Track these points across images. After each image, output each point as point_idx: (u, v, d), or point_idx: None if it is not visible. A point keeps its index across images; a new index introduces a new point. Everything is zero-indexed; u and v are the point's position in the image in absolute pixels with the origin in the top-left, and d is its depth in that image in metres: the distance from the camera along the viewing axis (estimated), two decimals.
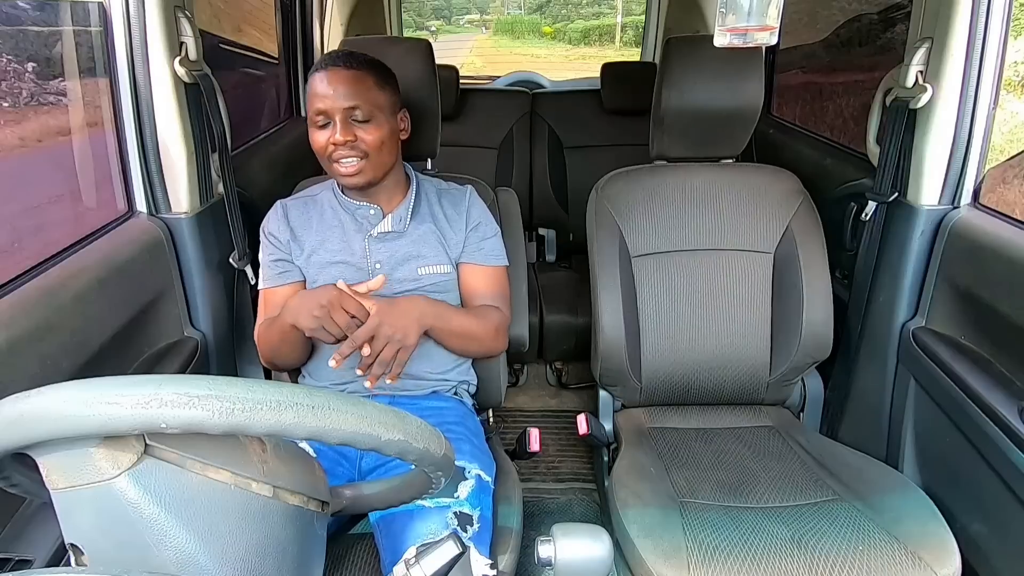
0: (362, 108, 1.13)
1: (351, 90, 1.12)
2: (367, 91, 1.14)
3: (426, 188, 1.29)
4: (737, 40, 1.07)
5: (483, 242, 1.26)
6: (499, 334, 1.25)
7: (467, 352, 1.27)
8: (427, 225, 1.24)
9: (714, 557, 1.04)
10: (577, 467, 1.95)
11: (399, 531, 0.96)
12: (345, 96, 1.12)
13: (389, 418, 0.57)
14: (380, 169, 1.18)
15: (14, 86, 1.16)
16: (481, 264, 1.26)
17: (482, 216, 1.28)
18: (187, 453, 0.56)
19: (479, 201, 1.30)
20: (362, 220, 1.23)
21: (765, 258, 1.45)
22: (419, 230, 1.24)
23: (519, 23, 18.83)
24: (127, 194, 1.25)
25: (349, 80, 1.12)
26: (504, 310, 1.27)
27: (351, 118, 1.13)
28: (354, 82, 1.13)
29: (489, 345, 1.26)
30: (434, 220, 1.25)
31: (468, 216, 1.26)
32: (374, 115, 1.14)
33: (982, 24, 1.17)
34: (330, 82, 1.12)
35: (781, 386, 1.48)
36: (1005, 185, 1.38)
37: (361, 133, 1.13)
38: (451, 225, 1.25)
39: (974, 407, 1.11)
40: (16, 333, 0.86)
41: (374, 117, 1.14)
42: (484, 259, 1.26)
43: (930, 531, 1.09)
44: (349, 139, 1.12)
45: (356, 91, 1.12)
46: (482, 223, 1.27)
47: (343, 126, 1.12)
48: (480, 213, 1.28)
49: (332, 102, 1.12)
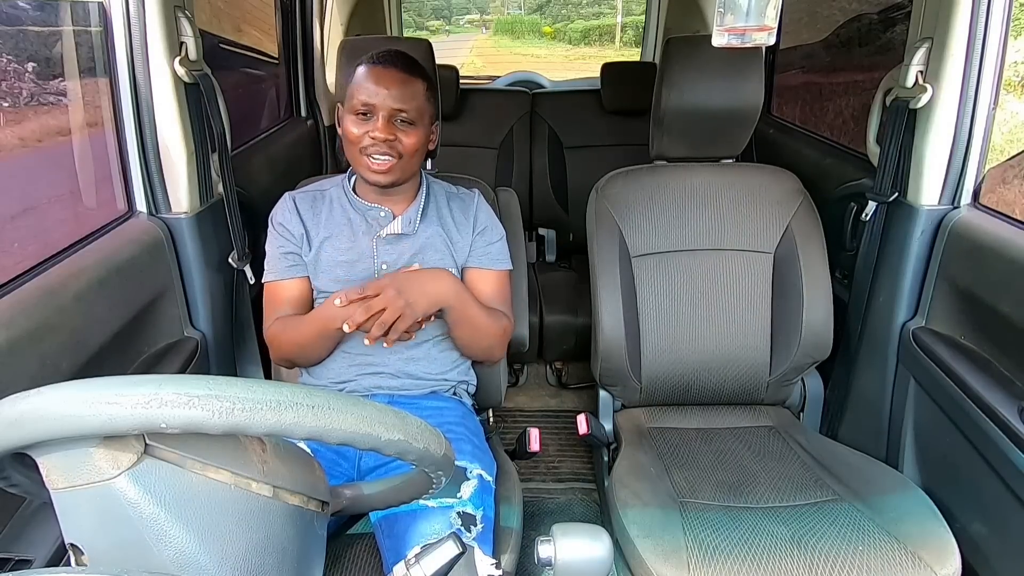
0: (409, 113, 1.15)
1: (404, 93, 1.14)
2: (418, 98, 1.16)
3: (435, 191, 1.30)
4: (735, 40, 1.07)
5: (489, 247, 1.27)
6: (504, 338, 1.26)
7: (471, 346, 1.26)
8: (434, 228, 1.25)
9: (714, 557, 1.04)
10: (577, 467, 1.95)
11: (402, 531, 0.96)
12: (397, 98, 1.13)
13: (389, 418, 0.57)
14: (407, 173, 1.20)
15: (14, 86, 1.16)
16: (487, 268, 1.26)
17: (489, 220, 1.29)
18: (187, 453, 0.56)
19: (486, 206, 1.30)
20: (372, 221, 1.23)
21: (765, 258, 1.45)
22: (427, 232, 1.24)
23: (519, 23, 18.83)
24: (127, 194, 1.25)
25: (404, 83, 1.14)
26: (508, 314, 1.28)
27: (396, 119, 1.14)
28: (408, 86, 1.15)
29: (493, 345, 1.25)
30: (441, 223, 1.25)
31: (476, 220, 1.27)
32: (416, 121, 1.16)
33: (982, 24, 1.17)
34: (384, 80, 1.13)
35: (781, 386, 1.48)
36: (1005, 185, 1.38)
37: (401, 135, 1.15)
38: (458, 229, 1.26)
39: (974, 407, 1.11)
40: (16, 333, 0.86)
41: (416, 123, 1.16)
42: (491, 263, 1.27)
43: (930, 531, 1.09)
44: (389, 137, 1.13)
45: (409, 95, 1.14)
46: (489, 227, 1.28)
47: (386, 123, 1.13)
48: (487, 217, 1.29)
49: (383, 99, 1.13)
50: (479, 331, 1.21)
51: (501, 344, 1.26)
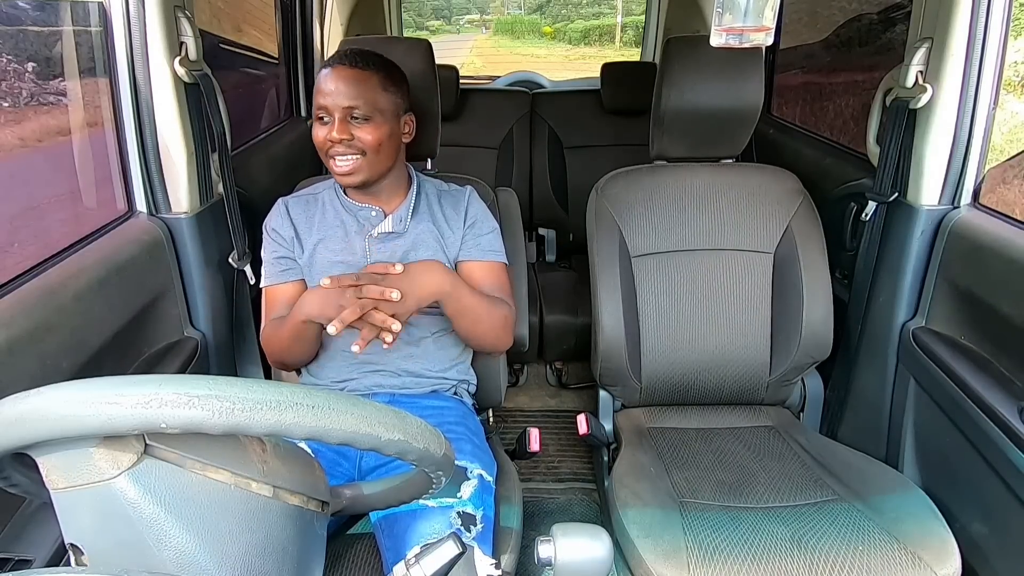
0: (361, 108, 1.13)
1: (352, 90, 1.13)
2: (369, 91, 1.14)
3: (426, 188, 1.29)
4: (733, 40, 1.07)
5: (480, 238, 1.26)
6: (506, 326, 1.23)
7: (476, 335, 1.23)
8: (425, 224, 1.24)
9: (714, 557, 1.04)
10: (577, 467, 1.95)
11: (402, 531, 0.96)
12: (346, 95, 1.12)
13: (389, 418, 0.57)
14: (375, 170, 1.18)
15: (14, 86, 1.16)
16: (479, 260, 1.25)
17: (479, 214, 1.27)
18: (187, 453, 0.56)
19: (478, 200, 1.29)
20: (364, 221, 1.23)
21: (765, 258, 1.45)
22: (418, 229, 1.24)
23: (519, 23, 18.82)
24: (127, 194, 1.25)
25: (352, 79, 1.13)
26: (509, 303, 1.25)
27: (350, 116, 1.13)
28: (357, 81, 1.13)
29: (496, 334, 1.23)
30: (433, 220, 1.25)
31: (466, 214, 1.26)
32: (373, 116, 1.14)
33: (982, 24, 1.17)
34: (334, 79, 1.13)
35: (781, 386, 1.48)
36: (1005, 185, 1.38)
37: (358, 132, 1.14)
38: (450, 225, 1.25)
39: (974, 407, 1.11)
40: (16, 333, 0.86)
41: (373, 118, 1.14)
42: (482, 254, 1.25)
43: (930, 531, 1.09)
44: (345, 137, 1.13)
45: (357, 91, 1.13)
46: (479, 220, 1.26)
47: (340, 124, 1.13)
48: (477, 211, 1.28)
49: (333, 99, 1.13)
50: (481, 319, 1.19)
51: (506, 331, 1.24)
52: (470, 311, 1.17)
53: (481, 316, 1.18)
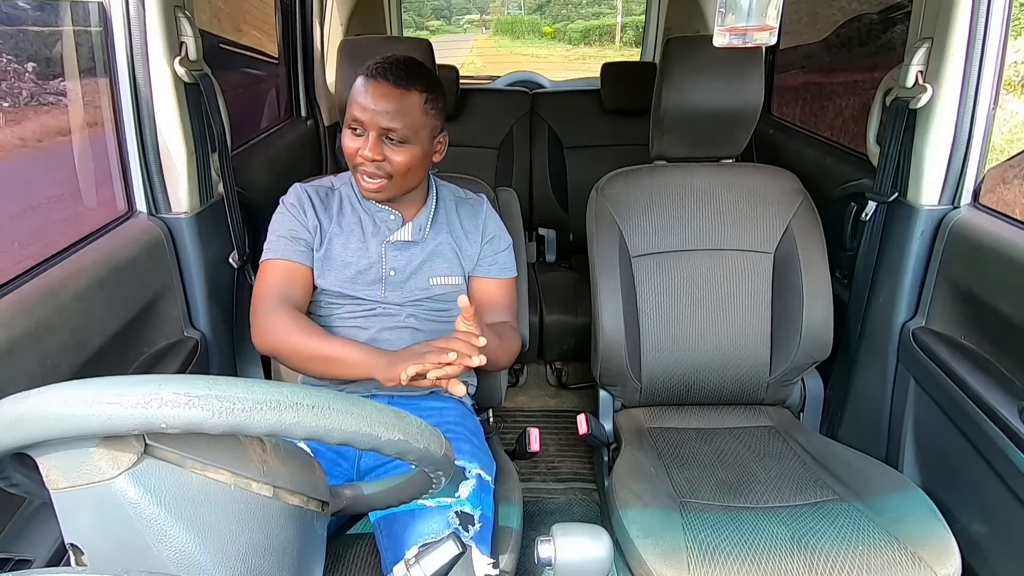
0: (399, 132, 1.09)
1: (393, 111, 1.08)
2: (410, 115, 1.09)
3: (444, 196, 1.29)
4: (736, 40, 1.07)
5: (497, 255, 1.27)
6: (516, 353, 1.26)
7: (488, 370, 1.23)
8: (444, 235, 1.24)
9: (714, 557, 1.04)
10: (577, 467, 1.95)
11: (400, 531, 0.96)
12: (386, 115, 1.08)
13: (389, 418, 0.57)
14: (403, 189, 1.17)
15: (14, 86, 1.16)
16: (495, 277, 1.27)
17: (497, 229, 1.29)
18: (187, 453, 0.56)
19: (494, 213, 1.30)
20: (381, 224, 1.22)
21: (765, 258, 1.45)
22: (436, 239, 1.24)
23: (519, 23, 18.83)
24: (127, 194, 1.25)
25: (395, 99, 1.08)
26: (516, 325, 1.28)
27: (386, 137, 1.10)
28: (399, 102, 1.08)
29: (507, 363, 1.27)
30: (451, 230, 1.25)
31: (484, 228, 1.27)
32: (410, 139, 1.11)
33: (982, 24, 1.17)
34: (375, 95, 1.08)
35: (781, 386, 1.48)
36: (1005, 185, 1.38)
37: (391, 154, 1.11)
38: (467, 237, 1.26)
39: (974, 407, 1.11)
40: (16, 333, 0.86)
41: (409, 140, 1.11)
42: (499, 272, 1.27)
43: (930, 531, 1.09)
44: (378, 158, 1.10)
45: (398, 113, 1.08)
46: (497, 236, 1.28)
47: (375, 144, 1.09)
48: (495, 226, 1.29)
49: (371, 116, 1.08)
50: (497, 361, 1.19)
51: (515, 356, 1.26)
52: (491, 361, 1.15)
53: (497, 358, 1.18)
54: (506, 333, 1.23)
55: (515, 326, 1.27)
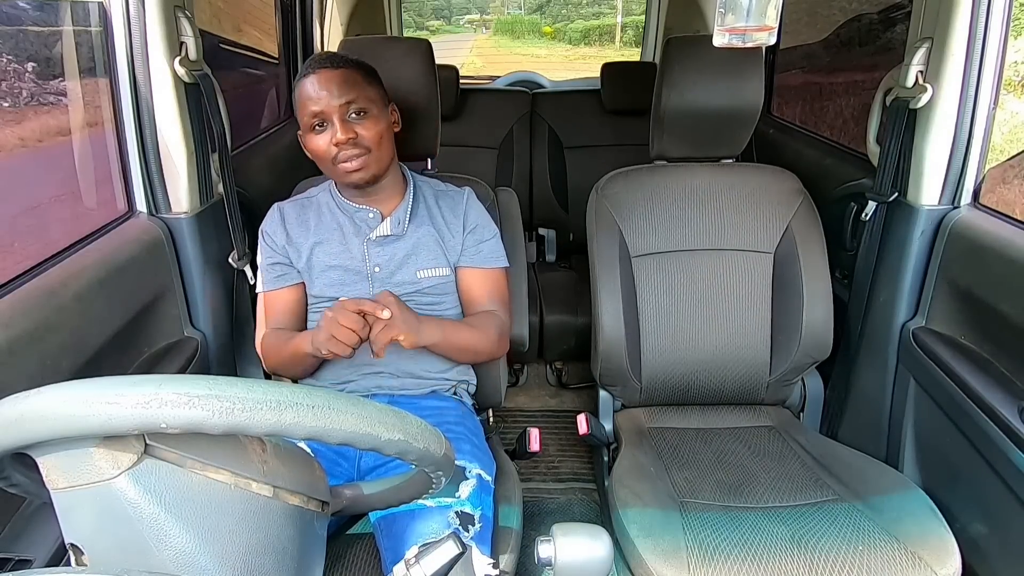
0: (357, 102, 1.13)
1: (343, 87, 1.12)
2: (358, 86, 1.14)
3: (423, 190, 1.29)
4: (736, 40, 1.07)
5: (481, 244, 1.26)
6: (501, 340, 1.26)
7: (471, 362, 1.30)
8: (425, 227, 1.24)
9: (714, 557, 1.04)
10: (577, 467, 1.95)
11: (400, 531, 0.96)
12: (339, 94, 1.12)
13: (389, 418, 0.57)
14: (382, 164, 1.19)
15: (14, 86, 1.16)
16: (480, 267, 1.26)
17: (480, 219, 1.28)
18: (187, 453, 0.56)
19: (477, 203, 1.29)
20: (361, 223, 1.23)
21: (765, 258, 1.45)
22: (417, 232, 1.24)
23: (519, 23, 18.81)
24: (127, 194, 1.25)
25: (339, 78, 1.13)
26: (503, 314, 1.27)
27: (348, 115, 1.13)
28: (344, 79, 1.13)
29: (491, 352, 1.26)
30: (432, 222, 1.25)
31: (466, 219, 1.26)
32: (369, 109, 1.15)
33: (982, 24, 1.17)
34: (321, 83, 1.12)
35: (781, 386, 1.48)
36: (1005, 185, 1.38)
37: (360, 129, 1.14)
38: (449, 228, 1.26)
39: (974, 407, 1.11)
40: (16, 333, 0.86)
41: (369, 111, 1.15)
42: (483, 262, 1.26)
43: (930, 531, 1.09)
44: (351, 136, 1.12)
45: (348, 87, 1.13)
46: (480, 225, 1.27)
47: (342, 124, 1.12)
48: (478, 215, 1.28)
49: (327, 102, 1.12)
50: (471, 352, 1.24)
51: (502, 343, 1.26)
52: (464, 349, 1.22)
53: (472, 347, 1.23)
54: (482, 322, 1.23)
55: (501, 314, 1.27)
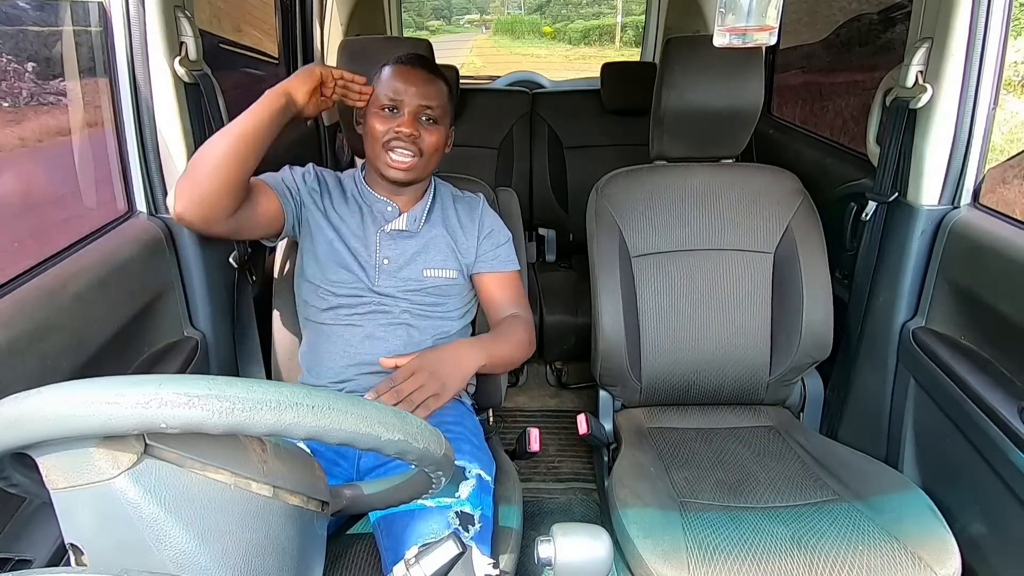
0: (435, 110, 1.19)
1: (429, 91, 1.19)
2: (441, 96, 1.21)
3: (442, 192, 1.33)
4: (736, 40, 1.07)
5: (497, 249, 1.29)
6: (531, 344, 1.28)
7: (509, 368, 1.30)
8: (439, 229, 1.27)
9: (714, 557, 1.04)
10: (577, 467, 1.95)
11: (400, 531, 0.96)
12: (423, 95, 1.18)
13: (389, 418, 0.57)
14: (426, 173, 1.24)
15: (14, 86, 1.16)
16: (499, 271, 1.29)
17: (495, 224, 1.32)
18: (187, 453, 0.56)
19: (491, 209, 1.34)
20: (378, 214, 1.26)
21: (765, 258, 1.45)
22: (431, 232, 1.26)
23: (519, 23, 18.83)
24: (127, 194, 1.25)
25: (429, 81, 1.20)
26: (525, 314, 1.30)
27: (422, 115, 1.18)
28: (433, 84, 1.20)
29: (526, 355, 1.28)
30: (446, 224, 1.28)
31: (481, 224, 1.29)
32: (440, 120, 1.21)
33: (982, 24, 1.17)
34: (410, 78, 1.18)
35: (781, 386, 1.48)
36: (1005, 185, 1.38)
37: (425, 133, 1.19)
38: (464, 231, 1.28)
39: (974, 407, 1.11)
40: (16, 333, 0.86)
41: (439, 122, 1.21)
42: (502, 266, 1.30)
43: (930, 531, 1.09)
44: (415, 133, 1.17)
45: (434, 93, 1.20)
46: (495, 230, 1.31)
47: (412, 119, 1.17)
48: (493, 221, 1.32)
49: (411, 95, 1.18)
50: (514, 361, 1.25)
51: (531, 344, 1.28)
52: (505, 362, 1.23)
53: (515, 358, 1.25)
54: (513, 330, 1.25)
55: (524, 315, 1.29)
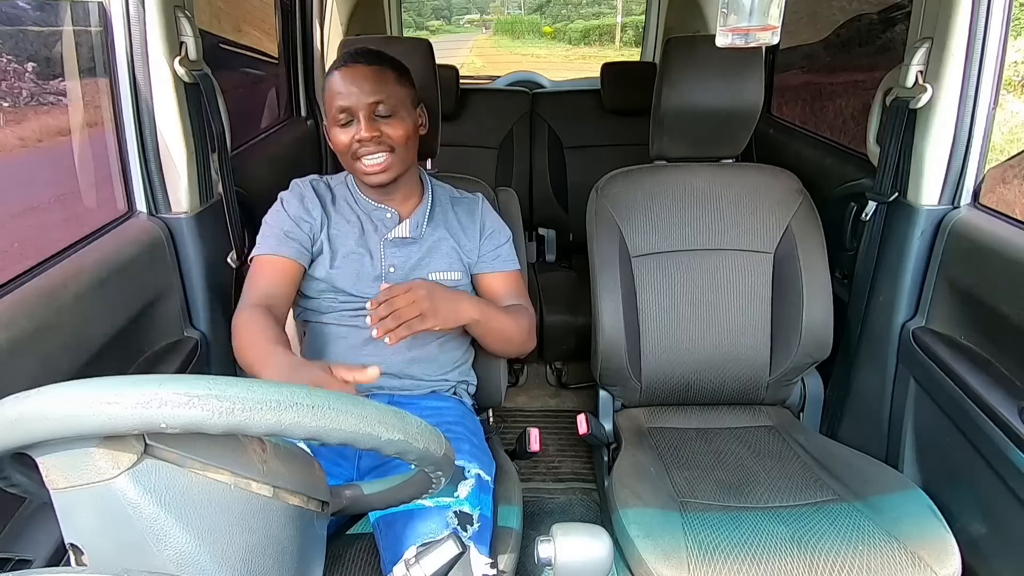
0: (386, 103, 1.13)
1: (374, 86, 1.12)
2: (389, 86, 1.14)
3: (439, 193, 1.31)
4: (739, 40, 1.07)
5: (499, 249, 1.29)
6: (531, 332, 1.27)
7: (506, 350, 1.29)
8: (441, 232, 1.26)
9: (714, 557, 1.04)
10: (577, 467, 1.95)
11: (399, 531, 0.96)
12: (369, 92, 1.12)
13: (389, 418, 0.57)
14: (404, 165, 1.19)
15: (14, 86, 1.16)
16: (501, 271, 1.28)
17: (495, 224, 1.30)
18: (187, 453, 0.56)
19: (491, 209, 1.32)
20: (378, 222, 1.24)
21: (765, 258, 1.45)
22: (434, 236, 1.25)
23: (519, 23, 18.83)
24: (127, 194, 1.25)
25: (371, 76, 1.13)
26: (528, 307, 1.29)
27: (375, 113, 1.14)
28: (376, 78, 1.13)
29: (523, 342, 1.26)
30: (447, 227, 1.27)
31: (483, 225, 1.28)
32: (397, 110, 1.15)
33: (982, 24, 1.17)
34: (352, 79, 1.12)
35: (781, 386, 1.48)
36: (1005, 185, 1.38)
37: (386, 128, 1.14)
38: (465, 233, 1.27)
39: (974, 407, 1.11)
40: (16, 333, 0.86)
41: (397, 112, 1.15)
42: (503, 265, 1.29)
43: (930, 531, 1.09)
44: (375, 135, 1.13)
45: (378, 86, 1.13)
46: (496, 230, 1.29)
47: (367, 122, 1.12)
48: (493, 221, 1.30)
49: (356, 98, 1.12)
50: (510, 337, 1.23)
51: (531, 336, 1.27)
52: (499, 332, 1.21)
53: (510, 334, 1.22)
54: (515, 313, 1.24)
55: (528, 309, 1.28)
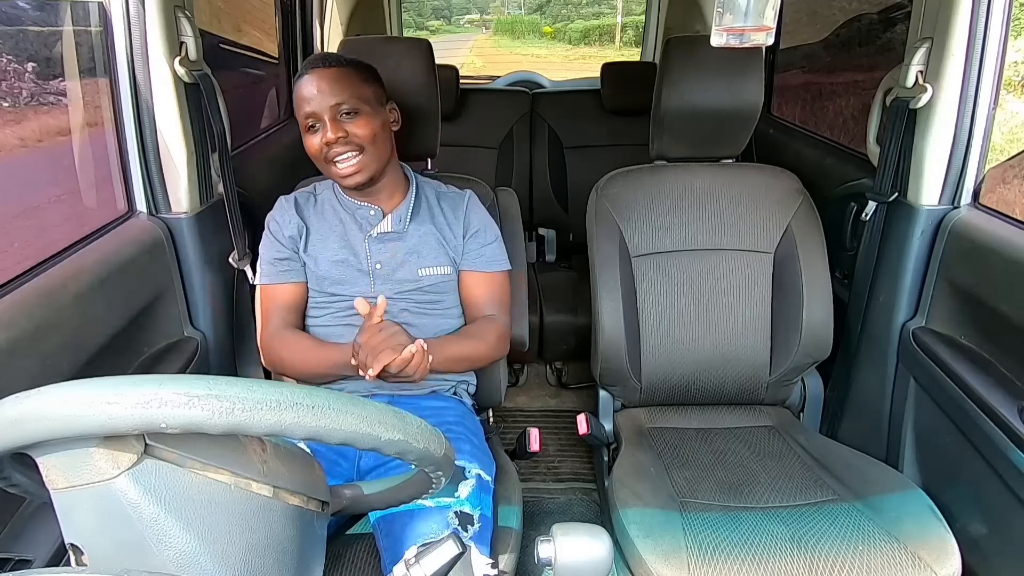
0: (348, 102, 1.14)
1: (334, 87, 1.14)
2: (351, 86, 1.15)
3: (425, 190, 1.30)
4: (734, 40, 1.07)
5: (484, 248, 1.27)
6: (499, 343, 1.26)
7: (473, 367, 1.29)
8: (427, 226, 1.25)
9: (714, 557, 1.04)
10: (577, 467, 1.95)
11: (400, 531, 0.96)
12: (329, 93, 1.14)
13: (389, 418, 0.57)
14: (377, 163, 1.19)
15: (14, 86, 1.16)
16: (482, 271, 1.27)
17: (482, 222, 1.28)
18: (187, 453, 0.56)
19: (479, 206, 1.30)
20: (362, 220, 1.24)
21: (765, 258, 1.45)
22: (419, 231, 1.24)
23: (519, 23, 18.81)
24: (127, 194, 1.25)
25: (331, 78, 1.14)
26: (502, 317, 1.27)
27: (339, 115, 1.14)
28: (336, 79, 1.14)
29: (491, 356, 1.26)
30: (433, 221, 1.26)
31: (467, 222, 1.27)
32: (361, 108, 1.16)
33: (982, 24, 1.17)
34: (314, 83, 1.14)
35: (781, 386, 1.48)
36: (1005, 185, 1.38)
37: (351, 128, 1.15)
38: (451, 228, 1.26)
39: (974, 407, 1.11)
40: (16, 333, 0.86)
41: (361, 110, 1.16)
42: (486, 265, 1.27)
43: (930, 531, 1.09)
44: (340, 135, 1.13)
45: (339, 87, 1.14)
46: (482, 229, 1.27)
47: (332, 123, 1.13)
48: (480, 219, 1.28)
49: (318, 102, 1.14)
50: (470, 361, 1.23)
51: (501, 346, 1.26)
52: (460, 359, 1.21)
53: (470, 357, 1.22)
54: (478, 330, 1.23)
55: (500, 318, 1.27)
